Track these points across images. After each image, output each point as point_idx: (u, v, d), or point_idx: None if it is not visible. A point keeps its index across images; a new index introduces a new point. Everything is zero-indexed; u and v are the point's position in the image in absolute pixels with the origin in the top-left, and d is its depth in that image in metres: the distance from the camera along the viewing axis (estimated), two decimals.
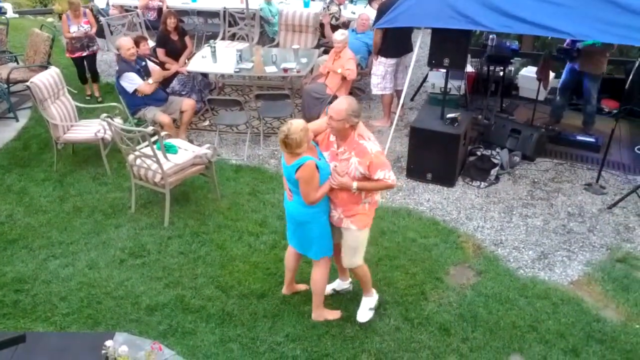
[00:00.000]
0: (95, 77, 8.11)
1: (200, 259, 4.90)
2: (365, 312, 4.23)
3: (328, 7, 8.73)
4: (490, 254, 4.97)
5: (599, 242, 5.11)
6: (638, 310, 4.36)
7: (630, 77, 6.24)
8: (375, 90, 7.07)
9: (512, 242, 5.13)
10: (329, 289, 4.43)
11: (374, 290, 4.27)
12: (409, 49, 6.97)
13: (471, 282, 4.64)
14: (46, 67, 6.70)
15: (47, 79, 6.07)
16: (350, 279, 4.48)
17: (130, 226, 5.32)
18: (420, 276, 4.67)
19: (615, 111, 7.13)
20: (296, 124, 3.53)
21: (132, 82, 6.22)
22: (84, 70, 7.94)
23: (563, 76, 6.98)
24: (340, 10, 8.78)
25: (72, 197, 5.78)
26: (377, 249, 4.97)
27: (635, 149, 6.56)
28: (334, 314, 4.29)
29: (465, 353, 3.99)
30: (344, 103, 3.54)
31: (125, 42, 6.27)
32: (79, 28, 7.57)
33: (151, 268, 4.80)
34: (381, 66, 6.85)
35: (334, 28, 8.04)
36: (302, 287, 4.50)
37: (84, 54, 7.73)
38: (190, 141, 6.52)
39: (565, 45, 6.65)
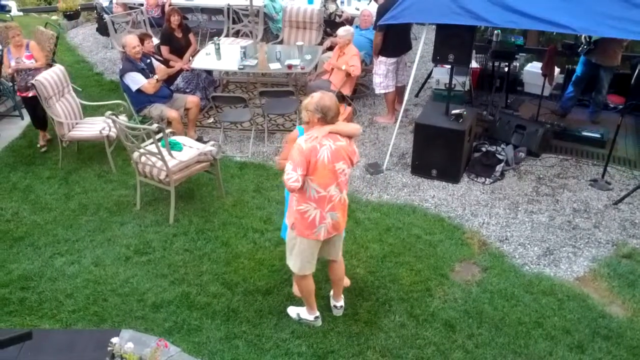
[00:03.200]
0: (43, 124, 6.54)
1: (205, 256, 4.91)
2: (294, 311, 4.24)
3: (325, 6, 8.67)
4: (495, 250, 4.96)
5: (604, 238, 5.09)
6: None
7: (636, 72, 6.19)
8: (378, 90, 7.06)
9: (518, 238, 5.12)
10: None
11: (316, 313, 4.13)
12: (408, 47, 7.00)
13: (476, 278, 4.64)
14: (51, 65, 6.70)
15: (52, 77, 6.08)
16: (341, 302, 4.24)
17: (135, 223, 5.34)
18: (425, 273, 4.66)
19: (620, 106, 7.10)
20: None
21: (135, 81, 6.22)
22: (34, 112, 6.49)
23: (578, 68, 6.93)
24: (338, 6, 8.73)
25: (78, 195, 5.80)
26: (382, 245, 4.97)
27: None
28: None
29: (471, 349, 3.99)
30: (316, 97, 3.56)
31: (131, 39, 6.26)
32: (16, 62, 6.40)
33: (156, 265, 4.81)
34: (382, 65, 6.83)
35: (338, 25, 8.02)
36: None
37: (30, 94, 6.25)
38: (200, 138, 6.52)
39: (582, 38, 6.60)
